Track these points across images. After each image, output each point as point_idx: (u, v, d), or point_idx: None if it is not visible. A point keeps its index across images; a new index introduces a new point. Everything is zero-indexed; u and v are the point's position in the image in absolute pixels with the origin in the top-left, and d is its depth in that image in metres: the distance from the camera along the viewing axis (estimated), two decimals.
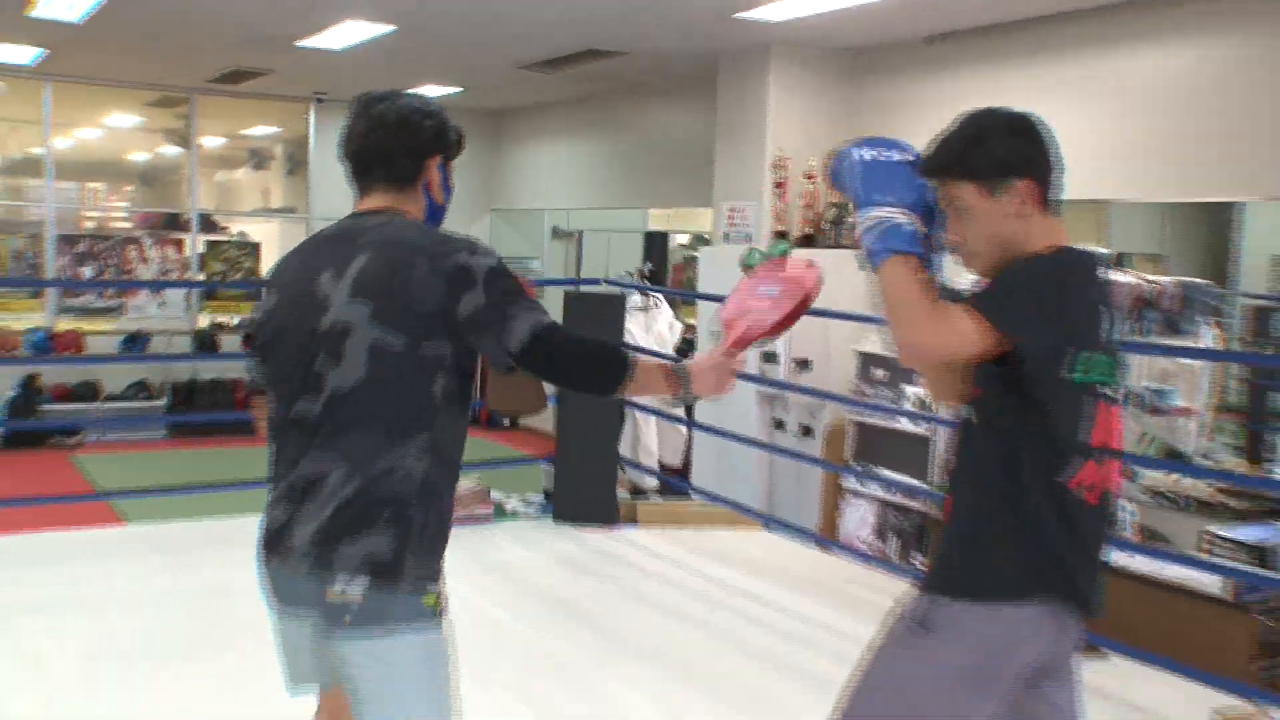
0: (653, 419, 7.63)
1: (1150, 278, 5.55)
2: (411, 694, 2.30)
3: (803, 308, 2.67)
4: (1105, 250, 6.02)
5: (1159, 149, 5.95)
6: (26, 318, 11.34)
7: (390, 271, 2.28)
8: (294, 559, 2.29)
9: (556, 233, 11.99)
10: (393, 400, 2.29)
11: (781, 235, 7.66)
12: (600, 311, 6.70)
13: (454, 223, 2.43)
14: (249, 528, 2.54)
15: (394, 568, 2.25)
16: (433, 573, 2.35)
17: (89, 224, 12.17)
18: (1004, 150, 2.27)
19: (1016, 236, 2.27)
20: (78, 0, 7.12)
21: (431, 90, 10.25)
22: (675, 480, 7.47)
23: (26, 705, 4.01)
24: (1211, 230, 6.36)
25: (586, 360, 2.42)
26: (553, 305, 3.66)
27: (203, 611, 4.95)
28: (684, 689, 4.20)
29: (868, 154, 2.36)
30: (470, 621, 4.87)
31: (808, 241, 7.52)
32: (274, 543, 2.35)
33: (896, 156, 2.36)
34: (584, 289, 7.63)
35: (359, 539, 2.24)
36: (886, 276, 2.26)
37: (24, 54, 9.63)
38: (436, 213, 2.54)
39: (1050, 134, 2.32)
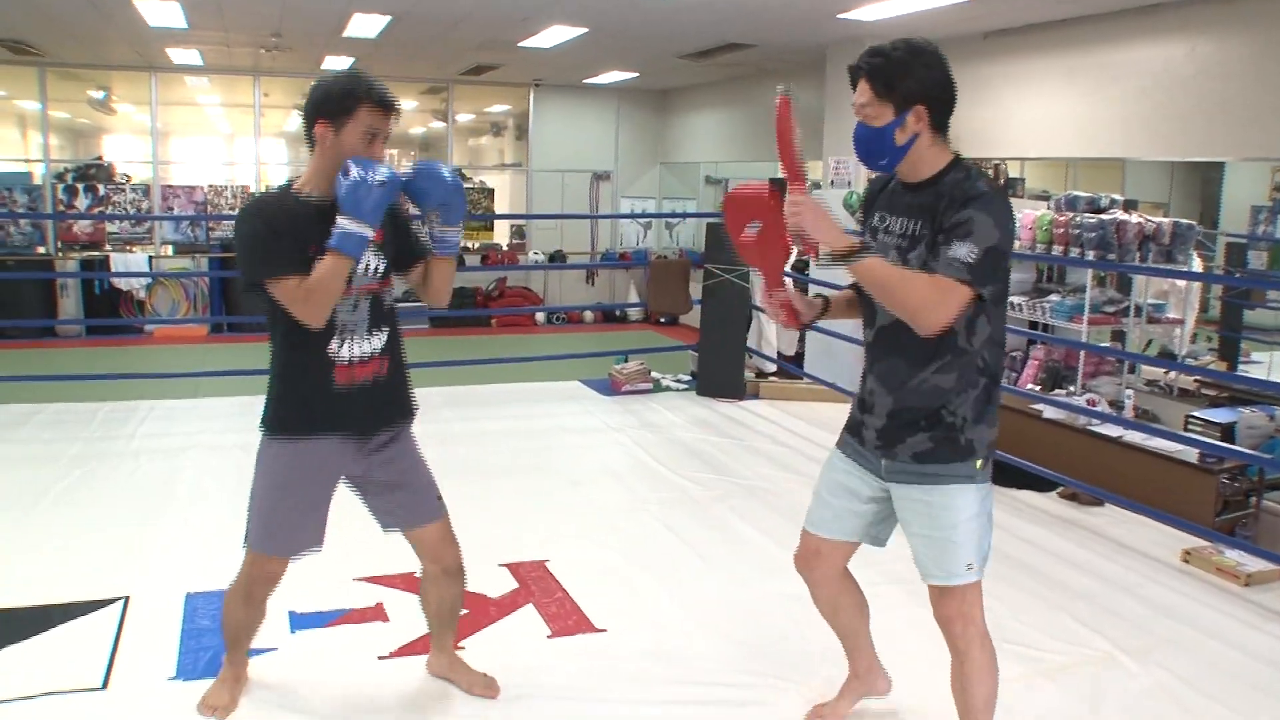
0: None
1: (1151, 218, 5.22)
2: None
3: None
4: (1119, 197, 5.74)
5: (1160, 120, 5.63)
6: None
7: None
8: None
9: (708, 180, 11.85)
10: None
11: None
12: None
13: (630, 174, 2.26)
14: (481, 392, 2.27)
15: None
16: None
17: None
18: None
19: None
20: (373, 23, 7.37)
21: (613, 75, 10.21)
22: (790, 365, 7.46)
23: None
24: (1204, 184, 5.98)
25: None
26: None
27: (442, 450, 5.04)
28: (780, 519, 4.17)
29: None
30: (631, 464, 5.04)
31: None
32: None
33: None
34: None
35: None
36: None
37: (343, 63, 9.98)
38: None
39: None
